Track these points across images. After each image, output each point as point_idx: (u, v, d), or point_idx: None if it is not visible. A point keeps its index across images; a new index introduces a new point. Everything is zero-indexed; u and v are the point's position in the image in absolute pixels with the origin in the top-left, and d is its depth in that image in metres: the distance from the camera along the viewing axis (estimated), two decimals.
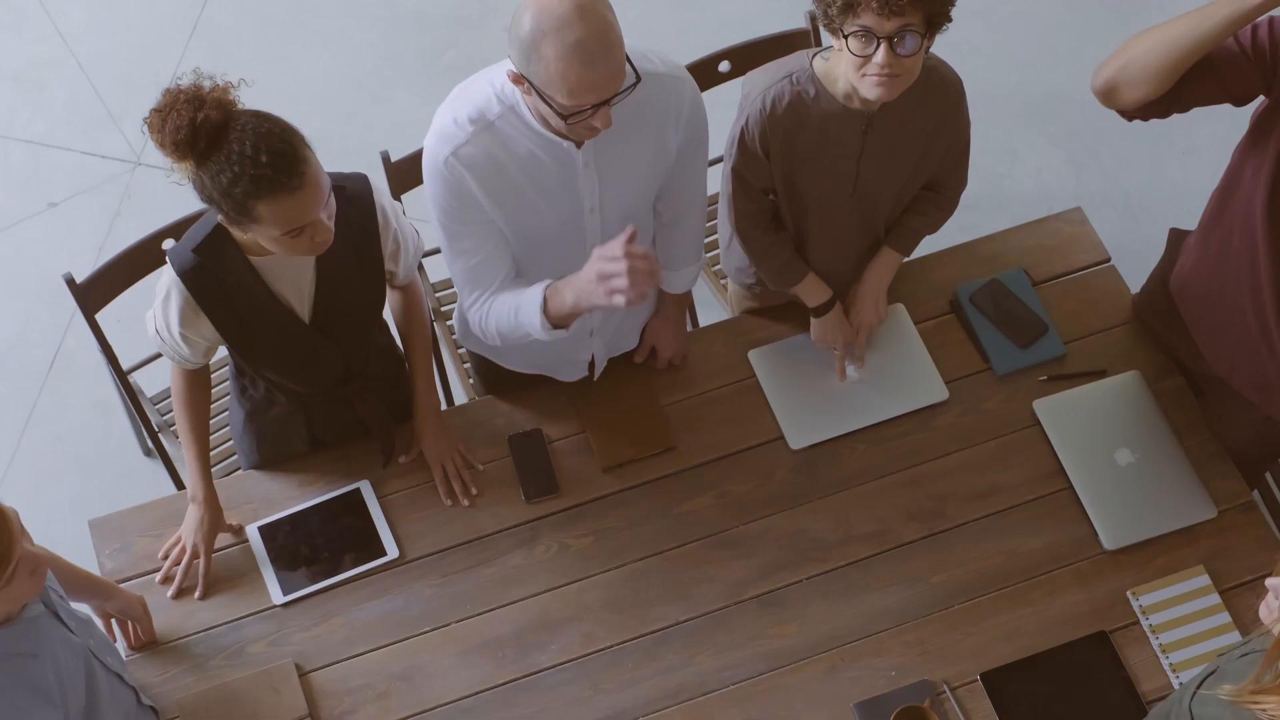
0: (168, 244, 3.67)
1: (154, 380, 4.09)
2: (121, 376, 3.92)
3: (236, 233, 3.00)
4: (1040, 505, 3.52)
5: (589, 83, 2.80)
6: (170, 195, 4.95)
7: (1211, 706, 2.69)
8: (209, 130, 2.77)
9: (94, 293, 3.75)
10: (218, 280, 3.05)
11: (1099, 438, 3.56)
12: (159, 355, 4.08)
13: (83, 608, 3.10)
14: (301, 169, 2.81)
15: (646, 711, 3.30)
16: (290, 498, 3.52)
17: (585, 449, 3.58)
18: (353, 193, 3.13)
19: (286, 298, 3.14)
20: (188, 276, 3.04)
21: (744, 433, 3.60)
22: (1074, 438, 3.56)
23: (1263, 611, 2.52)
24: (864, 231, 3.52)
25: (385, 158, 3.84)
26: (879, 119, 3.24)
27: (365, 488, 3.51)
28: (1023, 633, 3.37)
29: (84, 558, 3.46)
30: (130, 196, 5.01)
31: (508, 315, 3.16)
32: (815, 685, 3.32)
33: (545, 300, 3.07)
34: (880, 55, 2.98)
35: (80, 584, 3.17)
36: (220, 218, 2.93)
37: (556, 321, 3.09)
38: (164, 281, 3.09)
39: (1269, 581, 2.53)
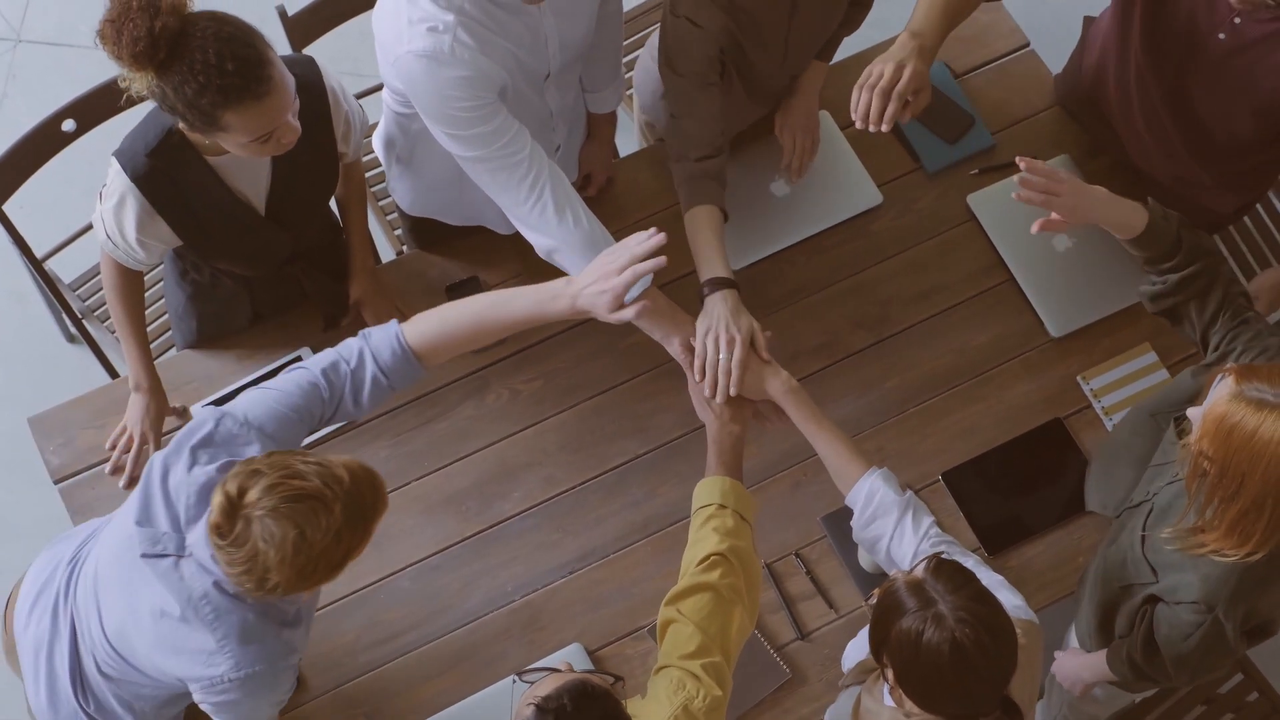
0: (69, 126, 3.53)
1: (69, 266, 3.97)
2: (37, 265, 3.81)
3: (196, 137, 2.88)
4: (984, 300, 3.52)
5: None
6: (58, 71, 4.80)
7: (1165, 554, 2.73)
8: (169, 39, 2.61)
9: None
10: (173, 182, 2.94)
11: None
12: (72, 241, 3.98)
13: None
14: (269, 73, 2.68)
15: (616, 548, 3.30)
16: (231, 373, 3.45)
17: None
18: (304, 80, 2.98)
19: (244, 193, 3.04)
20: (142, 181, 2.92)
21: (682, 258, 3.53)
22: (1010, 228, 3.56)
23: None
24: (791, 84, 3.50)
25: (282, 12, 3.70)
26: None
27: (307, 355, 3.44)
28: (979, 428, 3.40)
29: (19, 449, 3.40)
30: (15, 76, 4.82)
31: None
32: (781, 503, 3.33)
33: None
34: None
35: None
36: (181, 125, 2.80)
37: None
38: (114, 186, 2.96)
39: (1190, 412, 2.55)
